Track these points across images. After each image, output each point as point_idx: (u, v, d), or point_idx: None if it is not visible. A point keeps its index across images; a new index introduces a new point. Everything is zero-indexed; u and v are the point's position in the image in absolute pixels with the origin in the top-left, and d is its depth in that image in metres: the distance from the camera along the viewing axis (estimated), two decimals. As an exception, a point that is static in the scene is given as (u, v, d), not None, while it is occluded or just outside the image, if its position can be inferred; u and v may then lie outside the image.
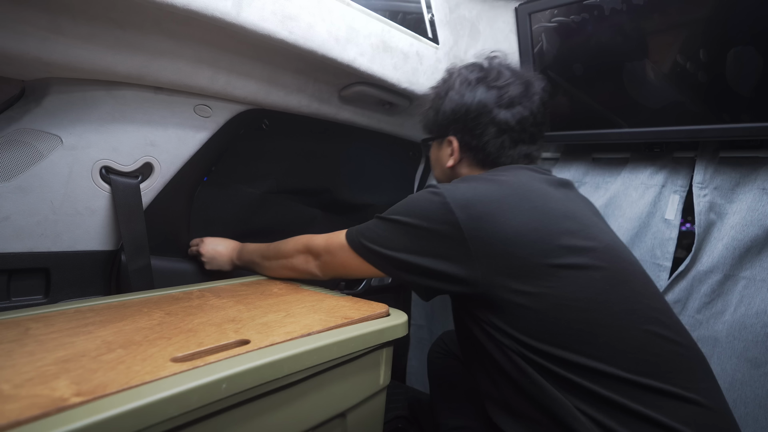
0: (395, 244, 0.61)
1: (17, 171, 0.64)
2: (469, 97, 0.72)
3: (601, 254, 0.58)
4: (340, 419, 0.56)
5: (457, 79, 0.75)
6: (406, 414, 1.10)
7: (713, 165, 0.93)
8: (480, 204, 0.58)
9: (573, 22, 0.91)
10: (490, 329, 0.59)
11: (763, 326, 0.83)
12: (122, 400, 0.33)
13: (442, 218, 0.58)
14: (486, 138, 0.71)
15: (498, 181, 0.62)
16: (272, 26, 0.65)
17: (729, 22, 0.77)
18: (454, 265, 0.58)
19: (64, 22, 0.55)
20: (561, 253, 0.56)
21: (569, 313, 0.54)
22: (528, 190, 0.62)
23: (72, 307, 0.59)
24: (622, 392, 0.52)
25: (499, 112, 0.71)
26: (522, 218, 0.58)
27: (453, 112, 0.73)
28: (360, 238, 0.66)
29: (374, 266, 0.64)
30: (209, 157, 0.87)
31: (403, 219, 0.61)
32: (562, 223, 0.59)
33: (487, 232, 0.57)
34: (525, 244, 0.56)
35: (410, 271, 0.61)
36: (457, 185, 0.62)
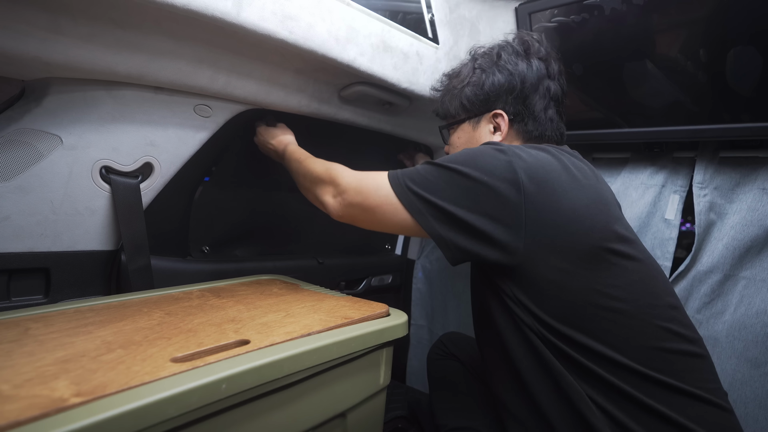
0: (446, 193, 0.57)
1: (17, 171, 0.64)
2: (523, 66, 0.70)
3: (637, 246, 0.59)
4: (340, 419, 0.56)
5: (503, 52, 0.73)
6: (406, 414, 1.10)
7: (713, 165, 0.93)
8: (543, 171, 0.56)
9: (573, 22, 0.91)
10: (513, 305, 0.57)
11: (763, 326, 0.83)
12: (122, 400, 0.33)
13: (505, 176, 0.55)
14: (538, 108, 0.70)
15: (558, 157, 0.60)
16: (272, 26, 0.65)
17: (729, 22, 0.77)
18: (501, 227, 0.55)
19: (64, 22, 0.55)
20: (611, 238, 0.55)
21: (600, 299, 0.54)
22: (584, 170, 0.61)
23: (72, 307, 0.59)
24: (636, 386, 0.52)
25: (551, 83, 0.71)
26: (579, 194, 0.56)
27: (507, 83, 0.70)
28: (405, 179, 0.61)
29: (411, 213, 0.59)
30: (209, 157, 0.87)
31: (463, 169, 0.57)
32: (612, 208, 0.59)
33: (544, 201, 0.54)
34: (578, 220, 0.55)
35: (452, 226, 0.57)
36: (520, 148, 0.59)
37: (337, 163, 0.71)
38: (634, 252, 0.57)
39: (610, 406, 0.52)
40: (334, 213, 0.68)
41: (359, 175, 0.66)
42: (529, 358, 0.58)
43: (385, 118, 1.10)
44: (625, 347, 0.53)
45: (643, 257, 0.58)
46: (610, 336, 0.53)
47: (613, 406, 0.52)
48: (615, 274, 0.55)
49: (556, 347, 0.55)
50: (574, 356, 0.54)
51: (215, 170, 0.93)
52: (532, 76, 0.70)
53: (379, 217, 0.63)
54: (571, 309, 0.54)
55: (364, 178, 0.65)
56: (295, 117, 0.95)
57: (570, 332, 0.54)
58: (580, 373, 0.54)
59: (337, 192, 0.67)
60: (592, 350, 0.53)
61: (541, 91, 0.70)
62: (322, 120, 0.99)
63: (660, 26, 0.83)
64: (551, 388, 0.56)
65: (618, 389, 0.52)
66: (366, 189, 0.64)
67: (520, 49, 0.72)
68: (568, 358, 0.55)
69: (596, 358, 0.53)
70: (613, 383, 0.52)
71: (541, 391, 0.57)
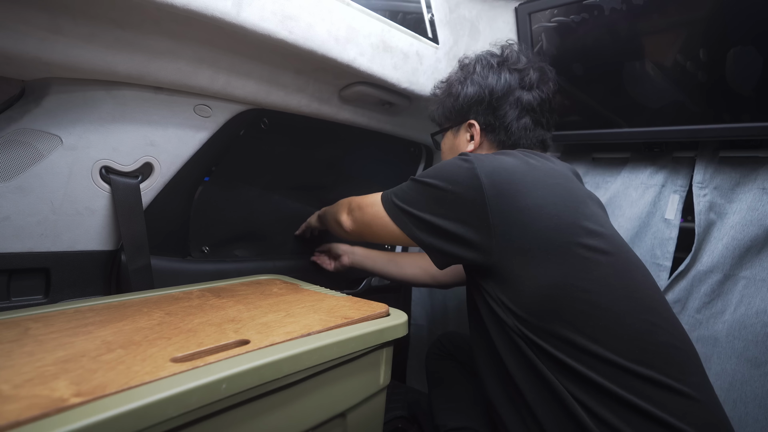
0: (421, 204, 0.64)
1: (17, 171, 0.64)
2: (492, 79, 0.75)
3: (609, 240, 0.60)
4: (340, 419, 0.56)
5: (477, 65, 0.78)
6: (406, 414, 1.10)
7: (713, 165, 0.93)
8: (505, 173, 0.60)
9: (573, 22, 0.91)
10: (496, 306, 0.60)
11: (763, 326, 0.83)
12: (122, 400, 0.33)
13: (468, 183, 0.60)
14: (509, 119, 0.74)
15: (524, 160, 0.64)
16: (272, 26, 0.65)
17: (729, 22, 0.77)
18: (472, 230, 0.59)
19: (64, 22, 0.55)
20: (580, 233, 0.58)
21: (575, 292, 0.55)
22: (551, 169, 0.64)
23: (72, 307, 0.59)
24: (616, 380, 0.53)
25: (522, 94, 0.74)
26: (544, 192, 0.59)
27: (477, 95, 0.75)
28: (392, 196, 0.69)
29: (398, 225, 0.67)
30: (209, 157, 0.87)
31: (432, 181, 0.63)
32: (580, 204, 0.61)
33: (507, 201, 0.58)
34: (544, 217, 0.58)
35: (430, 233, 0.63)
36: (486, 155, 0.64)
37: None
38: (607, 246, 0.59)
39: (592, 402, 0.53)
40: (348, 228, 0.80)
41: (364, 197, 0.77)
42: (513, 358, 0.59)
43: (385, 118, 1.10)
44: (604, 339, 0.54)
45: (617, 251, 0.60)
46: (587, 328, 0.54)
47: (595, 402, 0.53)
48: (587, 268, 0.56)
49: (537, 346, 0.57)
50: (554, 354, 0.55)
51: (215, 170, 0.93)
52: (499, 89, 0.74)
53: (375, 230, 0.72)
54: (548, 304, 0.56)
55: (365, 198, 0.76)
56: (295, 117, 0.95)
57: (549, 327, 0.56)
58: (561, 371, 0.55)
59: (349, 210, 0.80)
60: (572, 343, 0.54)
61: (511, 101, 0.74)
62: (322, 120, 0.99)
63: (660, 26, 0.83)
64: (536, 388, 0.57)
65: (599, 386, 0.53)
66: (365, 206, 0.75)
67: (494, 61, 0.77)
68: (549, 356, 0.56)
69: (576, 352, 0.54)
70: (593, 379, 0.53)
71: (526, 391, 0.58)
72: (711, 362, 0.88)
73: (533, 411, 0.57)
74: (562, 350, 0.55)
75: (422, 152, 1.39)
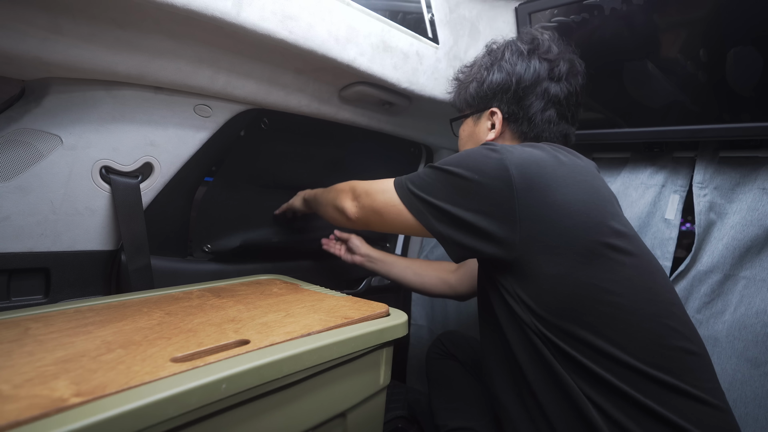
0: (442, 193, 0.61)
1: (17, 171, 0.64)
2: (521, 67, 0.71)
3: (633, 242, 0.59)
4: (340, 419, 0.56)
5: (506, 50, 0.74)
6: (406, 414, 1.10)
7: (713, 165, 0.93)
8: (536, 166, 0.58)
9: (573, 22, 0.91)
10: (513, 303, 0.59)
11: (763, 326, 0.83)
12: (122, 400, 0.33)
13: (497, 174, 0.57)
14: (534, 110, 0.71)
15: (552, 153, 0.61)
16: (272, 26, 0.65)
17: (729, 22, 0.77)
18: (497, 223, 0.57)
19: (64, 22, 0.55)
20: (607, 233, 0.56)
21: (597, 293, 0.54)
22: (579, 165, 0.62)
23: (72, 307, 0.59)
24: (634, 384, 0.52)
25: (550, 85, 0.71)
26: (573, 189, 0.57)
27: (503, 82, 0.72)
28: (407, 182, 0.65)
29: (413, 214, 0.63)
30: (209, 156, 0.87)
31: (456, 170, 0.60)
32: (608, 203, 0.60)
33: (536, 196, 0.56)
34: (572, 215, 0.56)
35: (450, 224, 0.60)
36: (514, 147, 0.61)
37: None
38: (631, 248, 0.58)
39: (607, 405, 0.52)
40: (352, 215, 0.74)
41: (370, 182, 0.72)
42: (528, 356, 0.58)
43: (385, 118, 1.10)
44: (624, 342, 0.53)
45: (641, 253, 0.59)
46: (608, 330, 0.54)
47: (610, 404, 0.52)
48: (612, 269, 0.55)
49: (554, 345, 0.56)
50: (572, 354, 0.54)
51: (215, 170, 0.93)
52: (528, 78, 0.71)
53: (386, 219, 0.67)
54: (569, 303, 0.55)
55: (374, 184, 0.71)
56: (295, 117, 0.95)
57: (568, 327, 0.55)
58: (578, 371, 0.54)
59: (354, 196, 0.74)
60: (591, 345, 0.54)
61: (539, 92, 0.70)
62: (322, 120, 0.99)
63: (660, 26, 0.83)
64: (549, 388, 0.56)
65: (615, 387, 0.52)
66: (374, 192, 0.70)
67: (525, 48, 0.73)
68: (566, 356, 0.55)
69: (594, 354, 0.53)
70: (610, 381, 0.52)
71: (539, 391, 0.57)
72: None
73: (544, 410, 0.56)
74: (579, 351, 0.54)
75: (422, 152, 1.39)
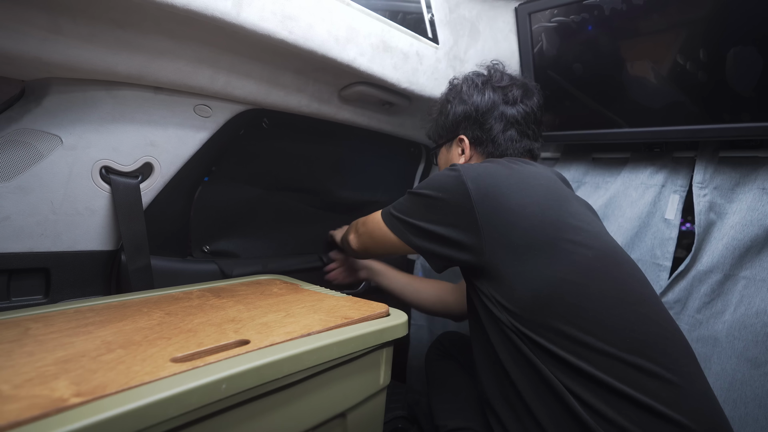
0: (416, 213, 0.70)
1: (17, 171, 0.64)
2: (477, 97, 0.81)
3: (593, 237, 0.64)
4: (340, 419, 0.56)
5: (464, 85, 0.84)
6: (406, 414, 1.10)
7: (713, 165, 0.93)
8: (490, 178, 0.65)
9: (573, 22, 0.91)
10: (490, 304, 0.64)
11: (763, 326, 0.83)
12: (122, 400, 0.33)
13: (456, 189, 0.65)
14: (495, 132, 0.80)
15: (508, 166, 0.70)
16: (272, 26, 0.65)
17: (729, 22, 0.77)
18: (463, 232, 0.64)
19: (64, 22, 0.55)
20: (562, 228, 0.62)
21: (564, 285, 0.58)
22: (535, 173, 0.69)
23: (72, 307, 0.59)
24: (609, 370, 0.54)
25: (506, 108, 0.80)
26: (527, 193, 0.64)
27: (464, 112, 0.82)
28: (390, 209, 0.76)
29: (396, 234, 0.73)
30: (209, 156, 0.87)
31: (425, 191, 0.69)
32: (564, 202, 0.65)
33: (492, 204, 0.63)
34: (528, 216, 0.62)
35: (425, 238, 0.69)
36: (471, 164, 0.70)
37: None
38: (590, 241, 0.62)
39: (587, 395, 0.54)
40: (355, 245, 0.87)
41: (367, 216, 0.84)
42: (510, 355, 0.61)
43: (385, 118, 1.10)
44: (595, 330, 0.56)
45: (601, 246, 0.63)
46: (578, 320, 0.57)
47: (590, 394, 0.54)
48: (574, 261, 0.60)
49: (531, 340, 0.59)
50: (548, 347, 0.57)
51: (215, 170, 0.93)
52: (484, 105, 0.80)
53: (377, 242, 0.79)
54: (539, 298, 0.58)
55: (368, 216, 0.83)
56: (295, 117, 0.95)
57: (542, 321, 0.58)
58: (557, 365, 0.57)
59: (355, 229, 0.88)
60: (565, 335, 0.56)
61: (496, 115, 0.80)
62: (322, 120, 0.99)
63: (660, 26, 0.83)
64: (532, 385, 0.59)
65: (592, 376, 0.54)
66: (368, 222, 0.82)
67: (479, 81, 0.83)
68: (544, 350, 0.58)
69: (569, 343, 0.56)
70: (587, 370, 0.54)
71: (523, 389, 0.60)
72: (711, 362, 0.88)
73: (528, 405, 0.59)
74: (555, 343, 0.57)
75: (422, 152, 1.39)
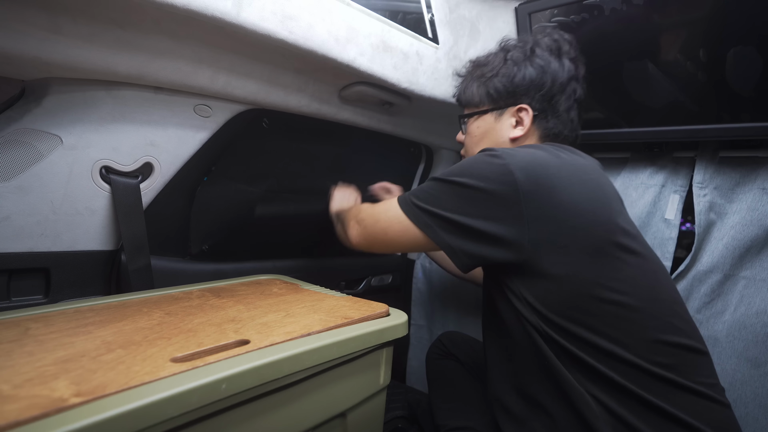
0: (449, 204, 0.60)
1: (17, 171, 0.64)
2: (556, 66, 0.70)
3: (639, 241, 0.59)
4: (340, 419, 0.56)
5: (536, 47, 0.72)
6: (406, 414, 1.10)
7: (713, 165, 0.93)
8: (540, 168, 0.57)
9: (573, 22, 0.91)
10: (520, 305, 0.59)
11: (763, 326, 0.83)
12: (122, 400, 0.33)
13: (501, 179, 0.57)
14: (561, 109, 0.70)
15: (556, 154, 0.61)
16: (272, 26, 0.65)
17: (729, 22, 0.77)
18: (505, 226, 0.56)
19: (64, 22, 0.55)
20: (615, 232, 0.56)
21: (603, 292, 0.54)
22: (585, 165, 0.62)
23: (72, 307, 0.59)
24: (638, 382, 0.52)
25: (577, 86, 0.71)
26: (579, 189, 0.57)
27: (537, 78, 0.70)
28: (411, 198, 0.64)
29: (420, 227, 0.62)
30: (209, 156, 0.87)
31: (461, 180, 0.59)
32: (613, 201, 0.60)
33: (542, 198, 0.56)
34: (580, 215, 0.56)
35: (459, 234, 0.59)
36: (515, 150, 0.61)
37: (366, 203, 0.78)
38: (637, 246, 0.58)
39: (612, 403, 0.53)
40: (355, 240, 0.74)
41: (374, 204, 0.72)
42: (533, 357, 0.59)
43: (385, 118, 1.10)
44: (628, 341, 0.54)
45: (645, 251, 0.59)
46: (612, 330, 0.54)
47: (615, 402, 0.53)
48: (617, 268, 0.55)
49: (559, 345, 0.56)
50: (576, 353, 0.55)
51: (215, 170, 0.93)
52: (563, 76, 0.70)
53: (391, 237, 0.66)
54: (575, 303, 0.55)
55: (376, 206, 0.71)
56: (295, 117, 0.95)
57: (574, 328, 0.55)
58: (582, 371, 0.55)
59: (357, 221, 0.73)
60: (595, 346, 0.54)
61: (568, 91, 0.70)
62: (322, 120, 0.99)
63: (660, 26, 0.83)
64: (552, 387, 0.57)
65: (620, 387, 0.53)
66: (377, 213, 0.69)
67: (554, 46, 0.72)
68: (571, 357, 0.55)
69: (599, 353, 0.54)
70: (613, 379, 0.53)
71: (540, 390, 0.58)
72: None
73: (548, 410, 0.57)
74: (584, 350, 0.54)
75: (422, 152, 1.39)
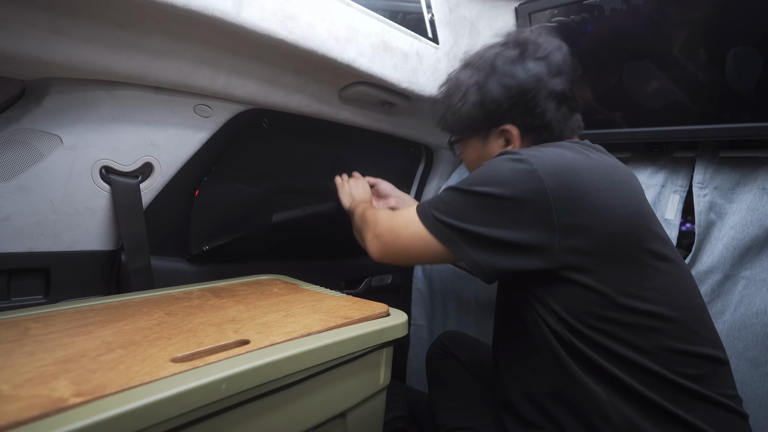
0: (473, 216, 0.56)
1: (17, 171, 0.64)
2: (520, 74, 0.64)
3: (670, 246, 0.57)
4: (340, 419, 0.56)
5: (496, 61, 0.66)
6: (406, 414, 1.10)
7: (713, 165, 0.93)
8: (571, 172, 0.54)
9: (573, 22, 0.91)
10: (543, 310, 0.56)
11: (763, 326, 0.83)
12: (122, 400, 0.33)
13: (529, 186, 0.53)
14: (549, 114, 0.65)
15: (585, 154, 0.57)
16: (272, 26, 0.65)
17: (729, 22, 0.77)
18: (535, 234, 0.53)
19: (64, 22, 0.55)
20: (647, 237, 0.54)
21: (633, 302, 0.52)
22: (616, 166, 0.58)
23: (72, 307, 0.59)
24: (663, 393, 0.51)
25: (554, 82, 0.64)
26: (612, 194, 0.54)
27: (506, 96, 0.65)
28: (432, 210, 0.60)
29: (445, 243, 0.58)
30: (209, 156, 0.87)
31: (484, 189, 0.55)
32: (645, 205, 0.57)
33: (575, 205, 0.52)
34: (613, 220, 0.53)
35: (486, 248, 0.55)
36: (541, 151, 0.56)
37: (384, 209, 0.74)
38: (668, 251, 0.55)
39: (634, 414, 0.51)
40: (374, 255, 0.69)
41: (392, 215, 0.68)
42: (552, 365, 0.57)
43: (385, 118, 1.10)
44: (654, 351, 0.52)
45: (674, 256, 0.57)
46: (639, 339, 0.52)
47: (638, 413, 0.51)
48: (648, 276, 0.53)
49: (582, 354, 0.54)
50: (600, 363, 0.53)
51: (215, 170, 0.93)
52: (530, 83, 0.64)
53: (413, 252, 0.63)
54: (603, 312, 0.53)
55: (395, 217, 0.66)
56: (295, 117, 0.95)
57: (598, 337, 0.53)
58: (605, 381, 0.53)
59: (374, 235, 0.68)
60: (620, 355, 0.52)
61: (544, 94, 0.64)
62: (322, 120, 0.99)
63: (660, 26, 0.83)
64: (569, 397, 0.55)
65: (642, 396, 0.51)
66: (397, 227, 0.65)
67: (515, 53, 0.66)
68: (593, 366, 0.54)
69: (623, 363, 0.52)
70: (638, 390, 0.51)
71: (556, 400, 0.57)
72: (711, 362, 0.88)
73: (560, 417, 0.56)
74: (607, 359, 0.53)
75: (422, 152, 1.39)
